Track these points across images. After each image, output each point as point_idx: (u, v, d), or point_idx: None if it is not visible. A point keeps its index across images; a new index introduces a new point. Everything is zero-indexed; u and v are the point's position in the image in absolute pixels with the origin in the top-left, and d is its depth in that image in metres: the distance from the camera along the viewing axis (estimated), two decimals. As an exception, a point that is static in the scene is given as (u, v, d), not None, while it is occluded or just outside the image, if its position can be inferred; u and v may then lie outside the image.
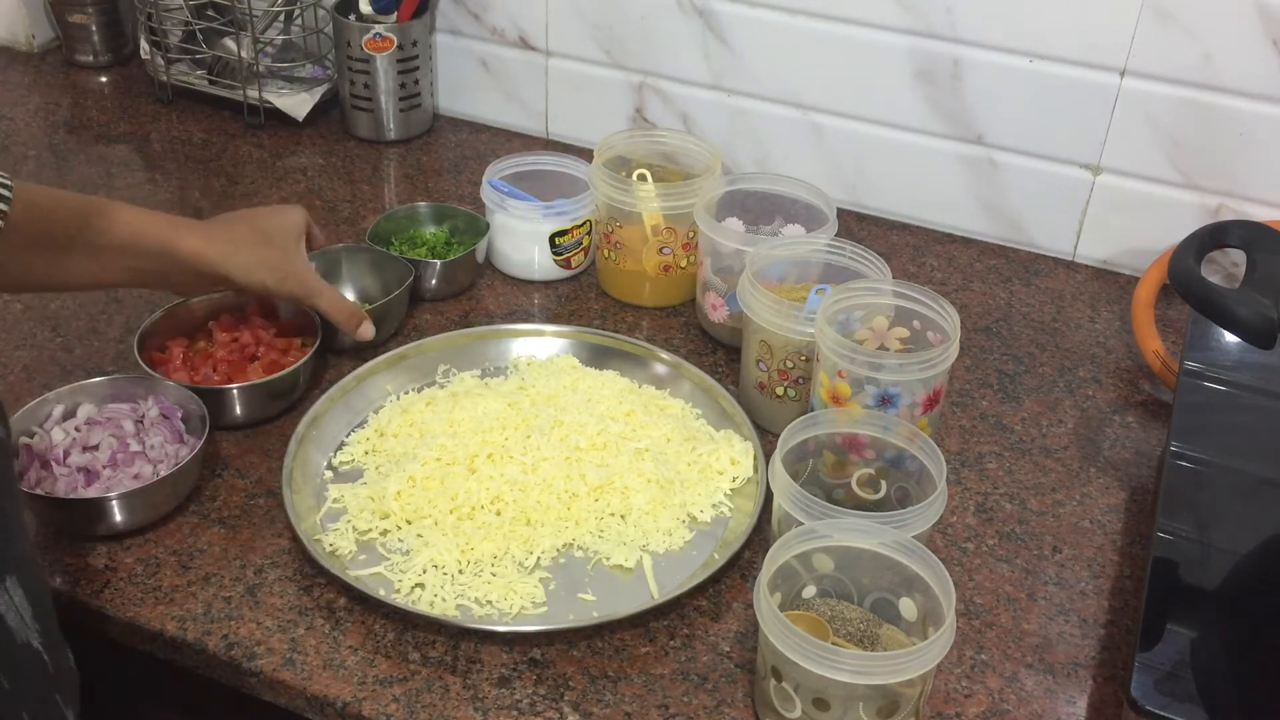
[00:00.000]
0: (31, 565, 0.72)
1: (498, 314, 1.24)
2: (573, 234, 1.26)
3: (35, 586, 0.71)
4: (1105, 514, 1.04)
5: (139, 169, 1.46)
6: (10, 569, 0.69)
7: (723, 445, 1.05)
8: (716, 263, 1.17)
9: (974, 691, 0.88)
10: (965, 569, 0.98)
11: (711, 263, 1.17)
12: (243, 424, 1.07)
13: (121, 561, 0.95)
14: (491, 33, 1.51)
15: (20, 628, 0.69)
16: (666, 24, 1.40)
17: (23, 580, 0.70)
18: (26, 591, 0.70)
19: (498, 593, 0.92)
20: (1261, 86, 1.19)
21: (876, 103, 1.35)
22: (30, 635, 0.70)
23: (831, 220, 1.16)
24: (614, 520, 0.99)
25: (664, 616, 0.92)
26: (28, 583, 0.70)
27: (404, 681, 0.87)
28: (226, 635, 0.89)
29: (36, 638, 0.70)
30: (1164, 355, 1.17)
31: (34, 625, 0.70)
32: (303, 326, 1.14)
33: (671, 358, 1.14)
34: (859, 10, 1.30)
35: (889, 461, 0.95)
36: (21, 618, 0.69)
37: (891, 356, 0.98)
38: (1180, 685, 0.81)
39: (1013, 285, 1.32)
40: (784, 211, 1.23)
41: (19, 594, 0.69)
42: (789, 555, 0.85)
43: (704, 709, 0.86)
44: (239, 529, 0.98)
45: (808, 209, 1.21)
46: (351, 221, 1.37)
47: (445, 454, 1.01)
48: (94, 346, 1.17)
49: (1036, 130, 1.30)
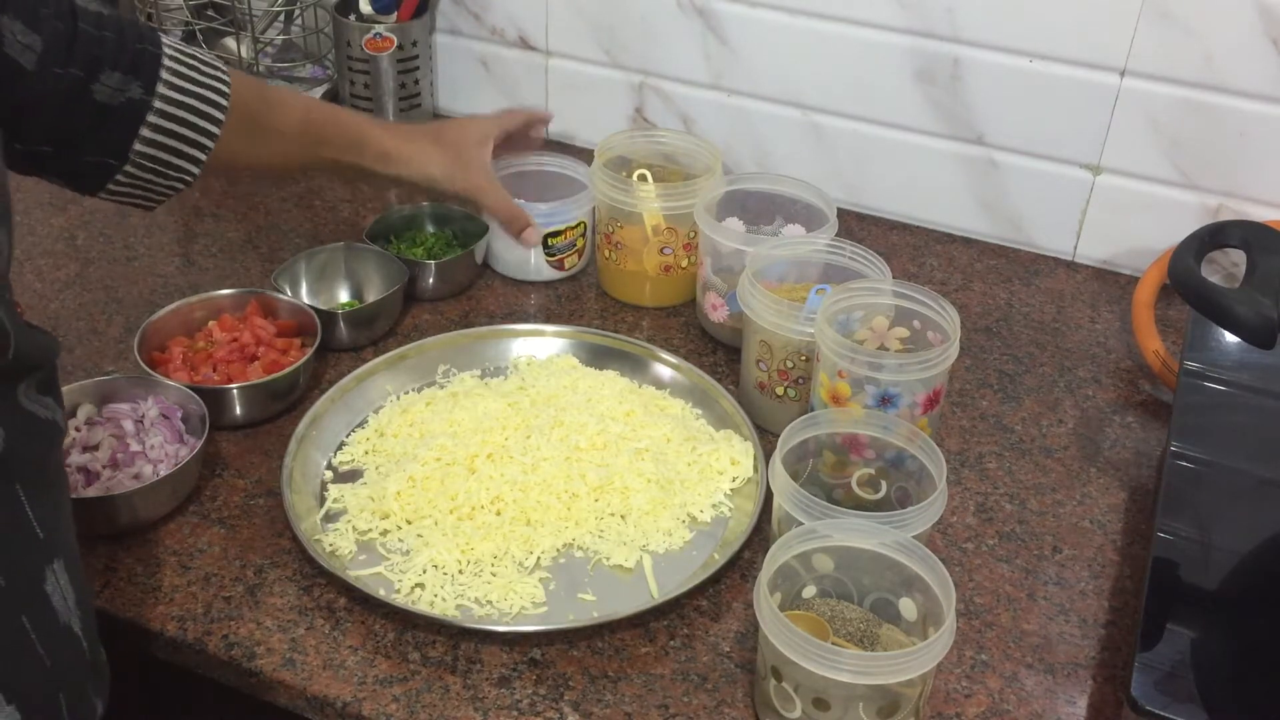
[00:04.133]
0: (76, 557, 0.74)
1: (497, 314, 1.24)
2: (566, 235, 1.26)
3: (78, 576, 0.73)
4: (1105, 514, 1.04)
5: (139, 169, 1.46)
6: (59, 553, 0.71)
7: (723, 445, 1.05)
8: (716, 263, 1.17)
9: (974, 691, 0.88)
10: (965, 569, 0.98)
11: (711, 263, 1.17)
12: (243, 424, 1.07)
13: (121, 561, 0.95)
14: (491, 32, 1.51)
15: (64, 610, 0.71)
16: (666, 24, 1.40)
17: (68, 566, 0.72)
18: (71, 578, 0.72)
19: (498, 593, 0.92)
20: (1261, 86, 1.19)
21: (876, 103, 1.35)
22: (72, 620, 0.72)
23: (832, 220, 1.16)
24: (614, 520, 0.99)
25: (664, 616, 0.92)
26: (73, 570, 0.72)
27: (404, 681, 0.87)
28: (226, 635, 0.89)
29: (78, 623, 0.72)
30: (1164, 355, 1.17)
31: (76, 611, 0.72)
32: (303, 326, 1.14)
33: (671, 358, 1.14)
34: (859, 10, 1.30)
35: (889, 461, 0.95)
36: (65, 601, 0.71)
37: (891, 356, 0.98)
38: (1180, 685, 0.81)
39: (1013, 285, 1.32)
40: (784, 211, 1.23)
41: (64, 578, 0.71)
42: (789, 555, 0.85)
43: (704, 709, 0.86)
44: (239, 529, 0.98)
45: (808, 209, 1.21)
46: (351, 221, 1.37)
47: (445, 454, 1.01)
48: (94, 346, 1.17)
49: (1036, 130, 1.30)
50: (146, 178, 0.96)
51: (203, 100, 0.96)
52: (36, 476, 0.70)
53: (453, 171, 1.17)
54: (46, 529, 0.70)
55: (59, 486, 0.74)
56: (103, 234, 1.34)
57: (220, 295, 1.16)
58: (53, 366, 0.74)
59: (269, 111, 1.06)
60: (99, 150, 0.93)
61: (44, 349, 0.73)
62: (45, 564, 0.70)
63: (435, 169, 1.16)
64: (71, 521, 0.75)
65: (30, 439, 0.70)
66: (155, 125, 0.94)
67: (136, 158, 0.94)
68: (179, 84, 0.94)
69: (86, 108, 0.90)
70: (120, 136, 0.93)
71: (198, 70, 0.96)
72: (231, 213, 1.38)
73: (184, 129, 0.96)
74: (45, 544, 0.70)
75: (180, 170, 0.97)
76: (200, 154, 0.98)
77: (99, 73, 0.89)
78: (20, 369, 0.69)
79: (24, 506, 0.68)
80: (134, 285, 1.25)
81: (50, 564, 0.70)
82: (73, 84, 0.88)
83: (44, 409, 0.71)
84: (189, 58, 0.96)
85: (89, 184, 0.96)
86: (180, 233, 1.35)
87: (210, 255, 1.31)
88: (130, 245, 1.32)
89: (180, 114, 0.95)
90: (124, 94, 0.91)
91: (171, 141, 0.95)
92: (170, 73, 0.94)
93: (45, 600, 0.70)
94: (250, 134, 1.03)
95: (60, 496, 0.74)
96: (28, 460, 0.69)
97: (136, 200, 0.99)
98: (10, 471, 0.68)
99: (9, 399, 0.69)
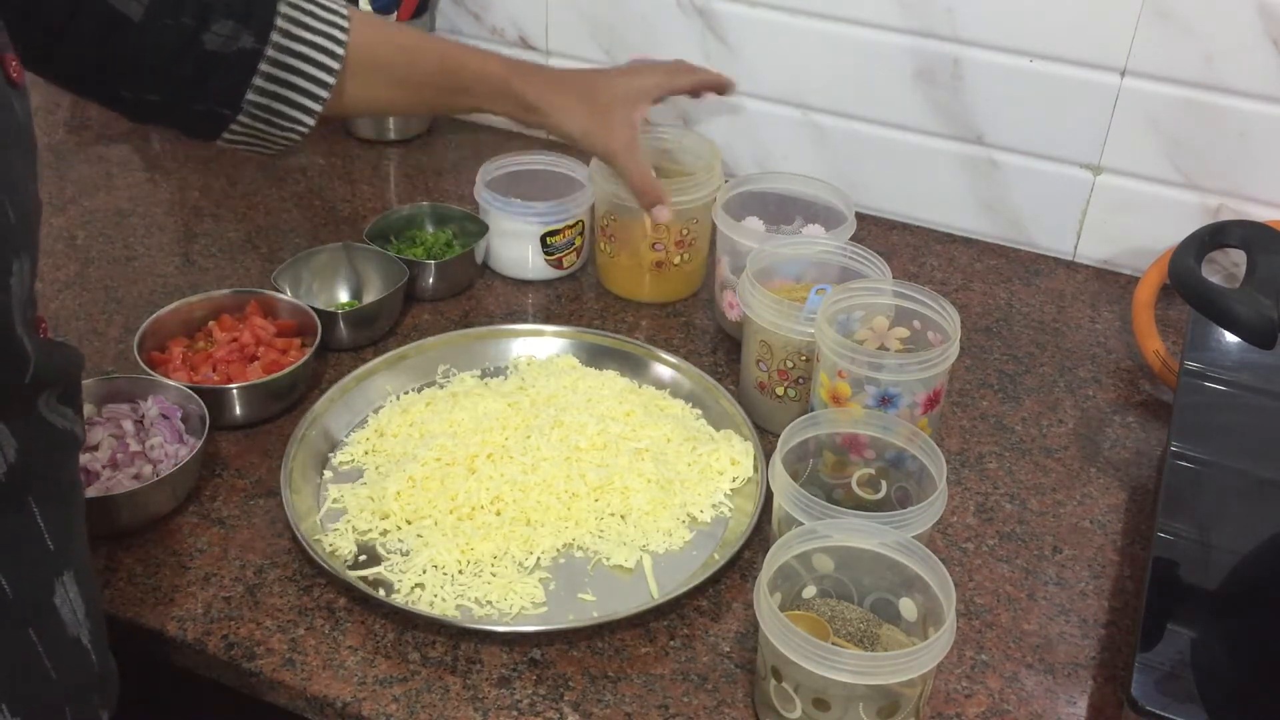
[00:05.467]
0: (88, 567, 0.73)
1: (497, 314, 1.24)
2: (564, 234, 1.26)
3: (90, 588, 0.73)
4: (1105, 514, 1.04)
5: (139, 169, 1.46)
6: (69, 564, 0.70)
7: (723, 445, 1.05)
8: (735, 262, 1.16)
9: (974, 692, 0.88)
10: (965, 569, 0.98)
11: (730, 262, 1.17)
12: (242, 424, 1.07)
13: (121, 561, 0.95)
14: (491, 32, 1.51)
15: (72, 622, 0.70)
16: (666, 24, 1.40)
17: (78, 578, 0.71)
18: (81, 589, 0.71)
19: (498, 593, 0.92)
20: (1262, 86, 1.19)
21: (876, 103, 1.35)
22: (80, 632, 0.71)
23: (850, 221, 1.16)
24: (614, 520, 0.99)
25: (664, 616, 0.92)
26: (83, 581, 0.72)
27: (404, 681, 0.87)
28: (226, 635, 0.89)
29: (86, 636, 0.72)
30: (1164, 355, 1.17)
31: (85, 624, 0.72)
32: (303, 326, 1.14)
33: (671, 358, 1.14)
34: (859, 10, 1.30)
35: (889, 461, 0.95)
36: (75, 613, 0.70)
37: (892, 356, 0.98)
38: (1180, 685, 0.81)
39: (1013, 285, 1.32)
40: (803, 211, 1.23)
41: (74, 590, 0.70)
42: (789, 555, 0.85)
43: (704, 709, 0.86)
44: (239, 529, 0.98)
45: (827, 209, 1.21)
46: (351, 221, 1.37)
47: (445, 454, 1.01)
48: (94, 346, 1.17)
49: (1037, 130, 1.30)
50: (260, 127, 0.95)
51: (317, 48, 0.94)
52: (50, 487, 0.69)
53: (591, 130, 1.11)
54: (57, 540, 0.69)
55: (73, 497, 0.73)
56: (103, 234, 1.34)
57: (220, 295, 1.16)
58: (76, 378, 0.73)
59: (400, 58, 1.03)
60: (210, 99, 0.91)
61: (66, 364, 0.71)
62: (55, 576, 0.69)
63: (574, 126, 1.11)
64: (84, 531, 0.74)
65: (45, 449, 0.69)
66: (268, 74, 0.92)
67: (250, 107, 0.92)
68: (293, 30, 0.92)
69: (196, 57, 0.88)
70: (232, 86, 0.91)
71: (315, 17, 0.94)
72: (231, 213, 1.38)
73: (297, 77, 0.94)
74: (55, 555, 0.69)
75: (293, 120, 0.96)
76: (314, 104, 0.96)
77: (210, 21, 0.88)
78: (41, 386, 0.68)
79: (35, 517, 0.68)
80: (134, 285, 1.25)
81: (60, 576, 0.70)
82: (182, 33, 0.86)
83: (62, 419, 0.70)
84: (309, 3, 0.94)
85: (203, 132, 0.94)
86: (180, 233, 1.35)
87: (210, 255, 1.31)
88: (130, 245, 1.32)
89: (293, 62, 0.93)
90: (235, 43, 0.89)
91: (285, 90, 0.94)
92: (286, 19, 0.92)
93: (53, 612, 0.69)
94: (379, 82, 1.01)
95: (73, 507, 0.73)
96: (41, 471, 0.68)
97: (255, 148, 0.97)
98: (23, 482, 0.67)
99: (29, 410, 0.68)
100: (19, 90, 0.65)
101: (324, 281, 1.23)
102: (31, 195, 0.65)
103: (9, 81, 0.63)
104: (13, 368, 0.63)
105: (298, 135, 0.98)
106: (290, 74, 0.93)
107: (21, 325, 0.63)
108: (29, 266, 0.64)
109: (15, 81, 0.64)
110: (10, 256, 0.61)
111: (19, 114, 0.64)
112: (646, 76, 1.17)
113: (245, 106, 0.93)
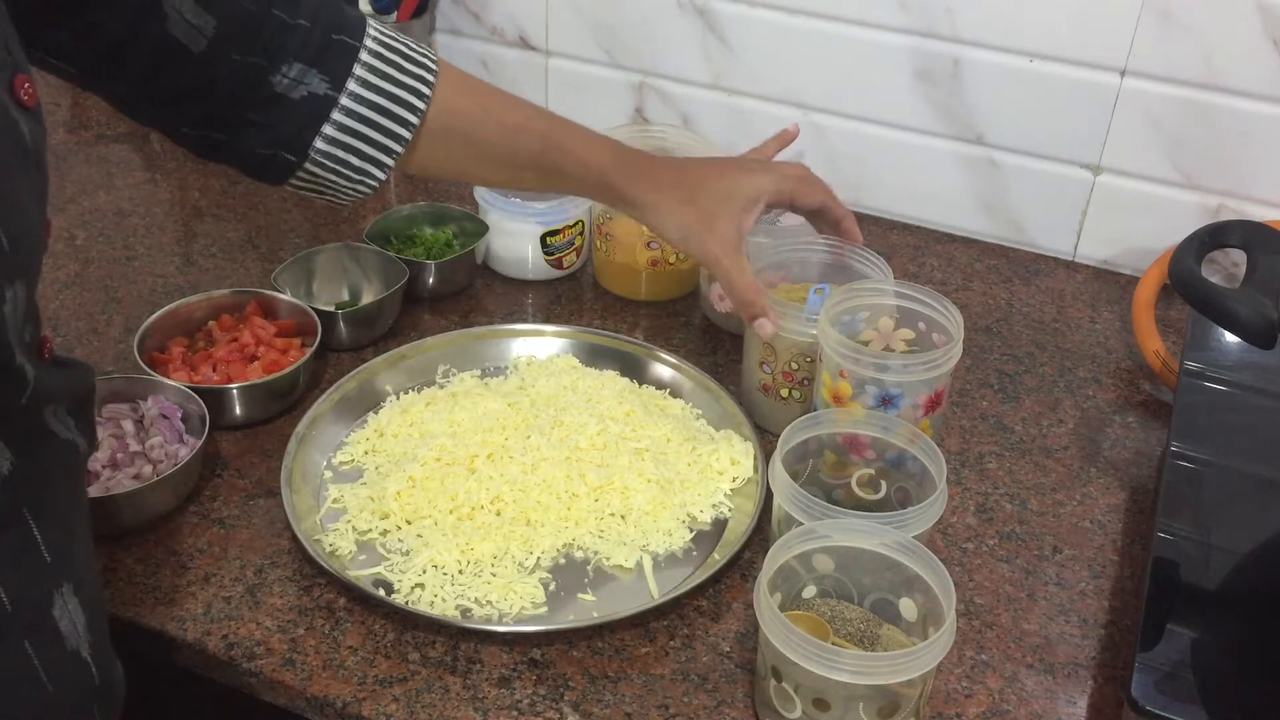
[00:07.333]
0: (91, 578, 0.72)
1: (497, 314, 1.24)
2: (564, 234, 1.26)
3: (93, 599, 0.71)
4: (1105, 514, 1.04)
5: (139, 169, 1.46)
6: (69, 576, 0.69)
7: (723, 445, 1.05)
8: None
9: (974, 691, 0.88)
10: (965, 569, 0.98)
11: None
12: (242, 424, 1.07)
13: (121, 561, 0.95)
14: (491, 32, 1.51)
15: (72, 635, 0.69)
16: (667, 24, 1.40)
17: (80, 590, 0.70)
18: (83, 601, 0.70)
19: (498, 593, 0.92)
20: (1262, 86, 1.19)
21: (876, 103, 1.35)
22: (80, 645, 0.70)
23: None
24: (614, 520, 0.99)
25: (664, 616, 0.92)
26: (85, 593, 0.70)
27: (404, 681, 0.87)
28: (226, 635, 0.89)
29: (86, 648, 0.70)
30: (1164, 355, 1.17)
31: (85, 636, 0.70)
32: (303, 326, 1.14)
33: (671, 357, 1.14)
34: (859, 10, 1.30)
35: (889, 462, 0.95)
36: (74, 626, 0.69)
37: (896, 358, 0.98)
38: (1180, 685, 0.81)
39: (1013, 285, 1.32)
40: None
41: (74, 602, 0.69)
42: (789, 555, 0.85)
43: (704, 709, 0.86)
44: (239, 529, 0.98)
45: None
46: (351, 221, 1.37)
47: (445, 454, 1.01)
48: (94, 346, 1.17)
49: (1037, 130, 1.30)
50: (329, 178, 0.90)
51: (396, 102, 0.89)
52: (48, 498, 0.68)
53: (691, 233, 1.00)
54: (55, 552, 0.67)
55: (74, 507, 0.72)
56: (103, 234, 1.34)
57: (220, 295, 1.16)
58: (84, 395, 0.71)
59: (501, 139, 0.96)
60: (273, 143, 0.87)
61: (73, 383, 0.70)
62: (53, 588, 0.68)
63: (673, 228, 1.01)
64: (89, 542, 0.73)
65: (44, 460, 0.67)
66: (340, 124, 0.87)
67: (318, 155, 0.88)
68: (374, 82, 0.88)
69: (265, 99, 0.84)
70: (297, 132, 0.87)
71: (399, 69, 0.89)
72: (231, 213, 1.38)
73: (371, 130, 0.88)
74: (52, 568, 0.68)
75: (362, 174, 0.90)
76: (386, 157, 0.90)
77: (281, 63, 0.84)
78: (42, 404, 0.66)
79: (31, 529, 0.66)
80: (134, 285, 1.25)
81: (59, 588, 0.68)
82: (250, 72, 0.83)
83: (65, 429, 0.69)
84: (394, 54, 0.89)
85: (269, 176, 0.89)
86: (180, 233, 1.35)
87: (210, 255, 1.31)
88: (130, 245, 1.32)
89: (369, 114, 0.88)
90: (304, 86, 0.85)
91: (356, 142, 0.88)
92: (366, 69, 0.87)
93: (51, 625, 0.67)
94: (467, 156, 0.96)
95: (74, 518, 0.71)
96: (38, 481, 0.67)
97: (325, 196, 0.92)
98: (18, 493, 0.65)
99: (32, 421, 0.66)
100: (29, 113, 0.62)
101: (324, 281, 1.23)
102: (35, 221, 0.62)
103: (18, 104, 0.61)
104: (10, 390, 0.62)
105: (366, 189, 0.92)
106: (365, 125, 0.88)
107: (20, 349, 0.61)
108: (24, 293, 0.61)
109: (25, 104, 0.61)
110: (3, 284, 0.58)
111: (27, 138, 0.61)
112: (761, 177, 1.04)
113: (313, 154, 0.88)
